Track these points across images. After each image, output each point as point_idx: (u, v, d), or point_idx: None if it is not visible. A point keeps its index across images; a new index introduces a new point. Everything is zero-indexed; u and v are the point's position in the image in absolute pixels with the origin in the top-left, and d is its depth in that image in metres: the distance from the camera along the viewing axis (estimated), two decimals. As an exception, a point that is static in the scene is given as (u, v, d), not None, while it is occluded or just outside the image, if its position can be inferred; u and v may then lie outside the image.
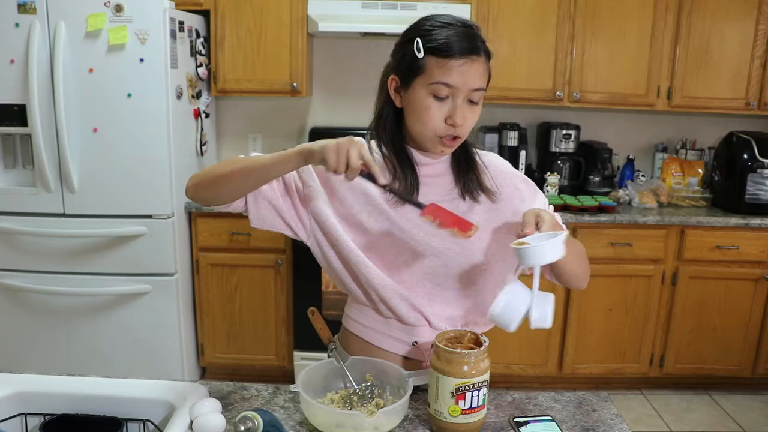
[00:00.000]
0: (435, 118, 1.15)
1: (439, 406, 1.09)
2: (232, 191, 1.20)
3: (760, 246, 3.01)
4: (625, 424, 1.18)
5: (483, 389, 1.09)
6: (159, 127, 2.69)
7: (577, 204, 3.03)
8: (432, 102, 1.14)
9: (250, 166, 1.15)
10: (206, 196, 1.23)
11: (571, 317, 3.06)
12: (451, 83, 1.12)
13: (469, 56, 1.12)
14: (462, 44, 1.12)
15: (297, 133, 3.52)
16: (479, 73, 1.14)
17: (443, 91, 1.13)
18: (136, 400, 1.12)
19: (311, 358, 2.98)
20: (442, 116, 1.15)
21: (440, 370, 1.08)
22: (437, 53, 1.12)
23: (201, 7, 3.00)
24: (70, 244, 2.78)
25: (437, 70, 1.12)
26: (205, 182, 1.22)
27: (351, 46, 3.40)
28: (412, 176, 1.23)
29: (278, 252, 2.99)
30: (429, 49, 1.13)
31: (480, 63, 1.14)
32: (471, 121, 1.17)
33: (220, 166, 1.21)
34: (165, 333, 2.90)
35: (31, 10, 2.56)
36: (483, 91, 1.16)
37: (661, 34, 3.09)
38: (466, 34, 1.13)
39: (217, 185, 1.20)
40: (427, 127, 1.16)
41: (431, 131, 1.17)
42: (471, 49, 1.12)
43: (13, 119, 2.65)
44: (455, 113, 1.14)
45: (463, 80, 1.12)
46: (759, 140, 3.11)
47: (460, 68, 1.12)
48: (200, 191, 1.23)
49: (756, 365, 3.15)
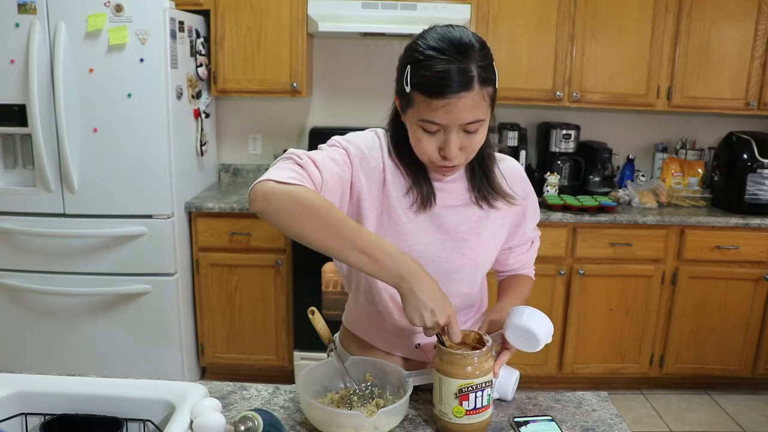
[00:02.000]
0: (428, 150, 1.11)
1: (443, 407, 1.09)
2: (301, 237, 1.04)
3: (760, 246, 3.01)
4: (625, 424, 1.18)
5: (487, 389, 1.09)
6: (159, 127, 2.69)
7: (577, 204, 3.03)
8: (423, 135, 1.10)
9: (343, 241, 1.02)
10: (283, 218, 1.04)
11: (571, 317, 3.06)
12: (437, 122, 1.07)
13: (456, 94, 1.04)
14: (447, 82, 1.03)
15: (297, 133, 3.52)
16: (469, 108, 1.06)
17: (432, 127, 1.08)
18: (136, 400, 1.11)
19: (311, 358, 2.98)
20: (435, 147, 1.11)
21: (443, 371, 1.08)
22: (422, 92, 1.06)
23: (201, 7, 3.01)
24: (70, 244, 2.78)
25: (423, 107, 1.07)
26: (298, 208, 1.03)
27: (351, 46, 3.40)
28: (427, 184, 1.21)
29: (278, 252, 2.99)
30: (414, 84, 1.07)
31: (470, 97, 1.05)
32: (470, 148, 1.12)
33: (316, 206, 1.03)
34: (165, 333, 2.90)
35: (31, 10, 2.56)
36: (480, 122, 1.09)
37: (661, 34, 3.09)
38: (456, 68, 1.03)
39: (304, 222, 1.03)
40: (421, 157, 1.15)
41: (426, 160, 1.15)
42: (459, 87, 1.04)
43: (13, 119, 2.65)
44: (446, 147, 1.09)
45: (449, 118, 1.06)
46: (759, 140, 3.11)
47: (445, 107, 1.05)
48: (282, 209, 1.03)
49: (756, 365, 3.15)
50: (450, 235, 1.23)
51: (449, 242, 1.22)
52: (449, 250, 1.23)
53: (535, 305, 1.15)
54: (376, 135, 1.23)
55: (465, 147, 1.11)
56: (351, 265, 1.04)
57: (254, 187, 1.05)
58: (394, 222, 1.20)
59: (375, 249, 1.02)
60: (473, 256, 1.25)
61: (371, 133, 1.24)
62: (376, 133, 1.24)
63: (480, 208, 1.25)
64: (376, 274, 1.04)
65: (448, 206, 1.23)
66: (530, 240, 1.40)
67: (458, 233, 1.23)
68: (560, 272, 2.99)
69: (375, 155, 1.19)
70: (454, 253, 1.24)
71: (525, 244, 1.40)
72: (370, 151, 1.19)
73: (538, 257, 1.46)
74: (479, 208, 1.25)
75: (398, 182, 1.21)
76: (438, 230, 1.22)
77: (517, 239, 1.36)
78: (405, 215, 1.21)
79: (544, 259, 2.89)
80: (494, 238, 1.29)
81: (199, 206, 2.92)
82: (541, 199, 3.14)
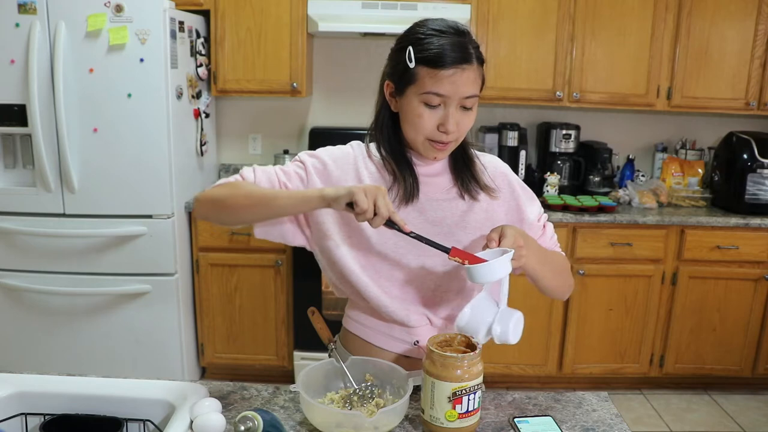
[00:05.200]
0: (427, 126, 1.16)
1: (434, 411, 1.08)
2: (239, 220, 1.21)
3: (760, 246, 3.01)
4: (625, 424, 1.18)
5: (478, 392, 1.09)
6: (159, 127, 2.69)
7: (577, 204, 3.03)
8: (424, 110, 1.15)
9: (265, 201, 1.15)
10: (211, 217, 1.23)
11: (571, 317, 3.06)
12: (442, 93, 1.13)
13: (460, 65, 1.12)
14: (453, 54, 1.12)
15: (297, 133, 3.52)
16: (471, 81, 1.14)
17: (435, 100, 1.14)
18: (136, 400, 1.12)
19: (311, 358, 2.98)
20: (435, 123, 1.16)
21: (436, 375, 1.07)
22: (428, 63, 1.13)
23: (201, 7, 3.01)
24: (70, 244, 2.78)
25: (428, 80, 1.13)
26: (214, 206, 1.21)
27: (351, 46, 3.40)
28: (411, 176, 1.24)
29: (278, 252, 2.99)
30: (420, 59, 1.13)
31: (471, 71, 1.14)
32: (465, 126, 1.18)
33: (232, 193, 1.19)
34: (165, 333, 2.90)
35: (31, 10, 2.56)
36: (476, 98, 1.17)
37: (661, 34, 3.09)
38: (457, 43, 1.13)
39: (225, 212, 1.20)
40: (419, 133, 1.18)
41: (423, 137, 1.18)
42: (462, 59, 1.12)
43: (13, 119, 2.65)
44: (447, 120, 1.15)
45: (454, 89, 1.13)
46: (759, 140, 3.11)
47: (450, 78, 1.12)
48: (206, 212, 1.22)
49: (756, 365, 3.16)
50: (437, 228, 1.25)
51: (438, 236, 1.22)
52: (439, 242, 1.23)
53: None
54: (351, 147, 1.30)
55: (460, 123, 1.17)
56: (284, 212, 1.16)
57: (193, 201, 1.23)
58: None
59: (291, 195, 1.15)
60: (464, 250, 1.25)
61: (345, 146, 1.30)
62: (351, 145, 1.30)
63: (463, 200, 1.27)
64: (303, 206, 1.13)
65: (431, 199, 1.26)
66: (540, 227, 1.36)
67: (445, 227, 1.25)
68: (560, 272, 2.99)
69: (342, 165, 1.25)
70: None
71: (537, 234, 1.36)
72: (335, 161, 1.26)
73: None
74: (462, 201, 1.27)
75: (379, 180, 1.25)
76: (425, 223, 1.24)
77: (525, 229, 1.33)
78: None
79: (544, 259, 2.90)
80: (482, 232, 1.28)
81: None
82: (541, 199, 3.14)
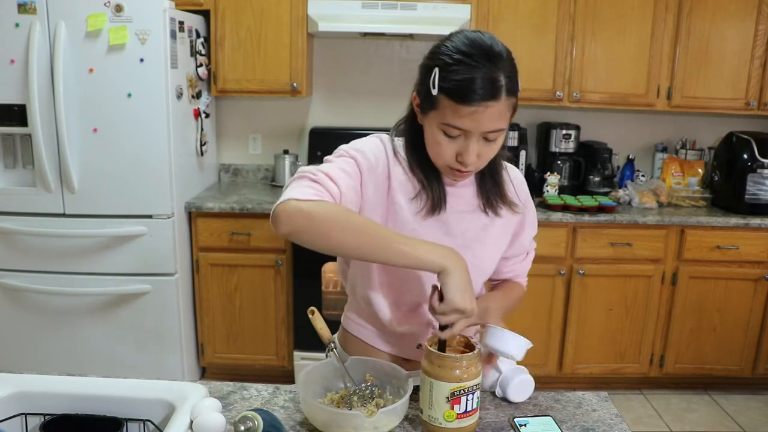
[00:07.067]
0: (445, 155, 1.11)
1: (433, 411, 1.08)
2: (328, 250, 1.06)
3: (760, 246, 3.01)
4: (625, 424, 1.18)
5: (477, 392, 1.09)
6: (159, 127, 2.69)
7: (577, 204, 3.03)
8: (443, 138, 1.10)
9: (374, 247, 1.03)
10: (300, 234, 1.04)
11: (571, 317, 3.06)
12: (462, 127, 1.07)
13: (484, 103, 1.04)
14: (479, 91, 1.03)
15: (297, 133, 3.52)
16: (496, 116, 1.06)
17: (454, 132, 1.08)
18: (136, 400, 1.11)
19: (311, 358, 2.98)
20: (453, 153, 1.10)
21: (434, 375, 1.07)
22: (450, 95, 1.05)
23: (201, 7, 3.01)
24: (70, 244, 2.78)
25: (449, 111, 1.06)
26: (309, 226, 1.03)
27: (351, 46, 3.40)
28: (439, 188, 1.20)
29: (278, 252, 2.99)
30: (443, 88, 1.05)
31: (498, 106, 1.05)
32: (486, 156, 1.12)
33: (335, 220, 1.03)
34: (165, 333, 2.90)
35: (31, 10, 2.56)
36: (501, 131, 1.10)
37: (661, 34, 3.09)
38: (487, 76, 1.03)
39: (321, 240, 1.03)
40: (437, 160, 1.14)
41: (441, 164, 1.14)
42: (489, 96, 1.03)
43: (13, 119, 2.65)
44: (466, 153, 1.09)
45: (475, 124, 1.06)
46: (759, 140, 3.11)
47: (473, 115, 1.04)
48: (297, 228, 1.03)
49: (756, 365, 3.15)
50: (456, 241, 1.21)
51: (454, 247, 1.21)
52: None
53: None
54: (381, 142, 1.21)
55: (482, 154, 1.11)
56: (389, 264, 1.05)
57: (276, 209, 1.04)
58: (400, 228, 1.18)
59: (410, 242, 1.04)
60: (477, 263, 1.24)
61: (376, 140, 1.22)
62: (381, 139, 1.22)
63: (486, 215, 1.24)
64: (415, 264, 1.04)
65: (455, 212, 1.22)
66: (526, 251, 1.40)
67: (464, 240, 1.23)
68: (560, 272, 2.99)
69: (381, 163, 1.18)
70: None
71: (520, 255, 1.39)
72: (377, 159, 1.18)
73: (538, 257, 1.46)
74: (485, 215, 1.24)
75: (406, 188, 1.19)
76: (445, 236, 1.21)
77: (513, 249, 1.36)
78: (413, 220, 1.19)
79: (544, 259, 2.90)
80: (496, 247, 1.29)
81: (199, 206, 2.92)
82: (541, 199, 3.14)
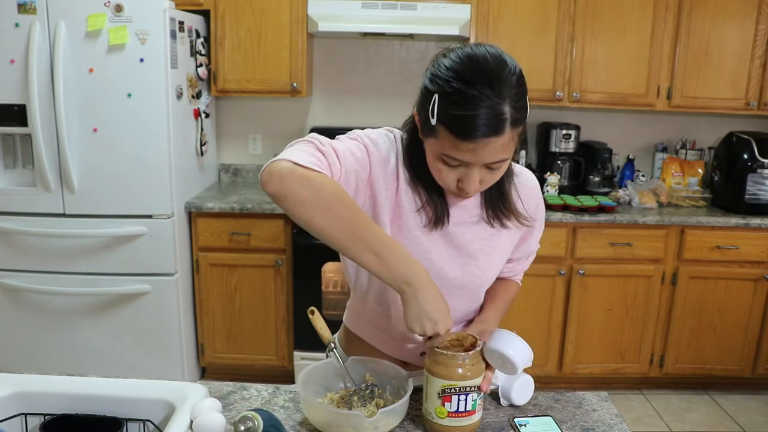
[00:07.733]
0: (446, 180, 1.07)
1: (428, 405, 1.10)
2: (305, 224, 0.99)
3: (760, 246, 3.01)
4: (625, 424, 1.18)
5: (472, 394, 1.08)
6: (159, 127, 2.69)
7: (577, 204, 3.03)
8: (443, 166, 1.05)
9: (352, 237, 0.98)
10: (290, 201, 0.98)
11: (571, 317, 3.06)
12: (462, 159, 1.01)
13: (485, 139, 0.97)
14: (480, 128, 0.96)
15: (297, 133, 3.52)
16: (498, 149, 1.00)
17: (454, 162, 1.03)
18: (136, 400, 1.11)
19: (311, 358, 2.98)
20: (454, 179, 1.06)
21: (429, 370, 1.08)
22: (449, 130, 0.98)
23: (201, 7, 3.01)
24: (70, 244, 2.78)
25: (448, 144, 1.00)
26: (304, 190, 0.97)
27: (351, 46, 3.40)
28: (441, 203, 1.15)
29: (278, 252, 2.99)
30: (442, 120, 0.99)
31: (502, 139, 0.99)
32: (489, 182, 1.08)
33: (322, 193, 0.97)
34: (165, 333, 2.90)
35: (31, 10, 2.56)
36: (505, 161, 1.04)
37: (661, 34, 3.09)
38: (490, 111, 0.96)
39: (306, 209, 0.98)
40: (438, 181, 1.09)
41: (443, 185, 1.09)
42: (492, 132, 0.97)
43: (13, 119, 2.65)
44: (467, 181, 1.04)
45: (475, 158, 1.00)
46: (759, 140, 3.11)
47: (473, 150, 0.99)
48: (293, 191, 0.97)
49: (756, 365, 3.15)
50: (460, 251, 1.19)
51: (458, 258, 1.20)
52: (457, 266, 1.20)
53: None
54: (393, 137, 1.16)
55: (485, 180, 1.06)
56: (357, 262, 1.00)
57: (269, 166, 0.98)
58: (404, 234, 1.16)
59: (387, 250, 0.99)
60: (480, 274, 1.22)
61: (388, 134, 1.17)
62: (393, 134, 1.17)
63: (491, 227, 1.21)
64: (381, 275, 1.00)
65: (459, 224, 1.19)
66: (530, 253, 1.37)
67: (468, 251, 1.20)
68: (560, 272, 2.99)
69: (392, 160, 1.14)
70: (462, 270, 1.20)
71: (523, 257, 1.37)
72: (389, 154, 1.13)
73: (538, 257, 1.45)
74: (490, 227, 1.21)
75: (411, 197, 1.15)
76: (449, 246, 1.19)
77: (518, 252, 1.33)
78: (417, 228, 1.16)
79: (544, 259, 2.90)
80: (501, 257, 1.26)
81: (199, 206, 2.92)
82: (541, 199, 3.14)
